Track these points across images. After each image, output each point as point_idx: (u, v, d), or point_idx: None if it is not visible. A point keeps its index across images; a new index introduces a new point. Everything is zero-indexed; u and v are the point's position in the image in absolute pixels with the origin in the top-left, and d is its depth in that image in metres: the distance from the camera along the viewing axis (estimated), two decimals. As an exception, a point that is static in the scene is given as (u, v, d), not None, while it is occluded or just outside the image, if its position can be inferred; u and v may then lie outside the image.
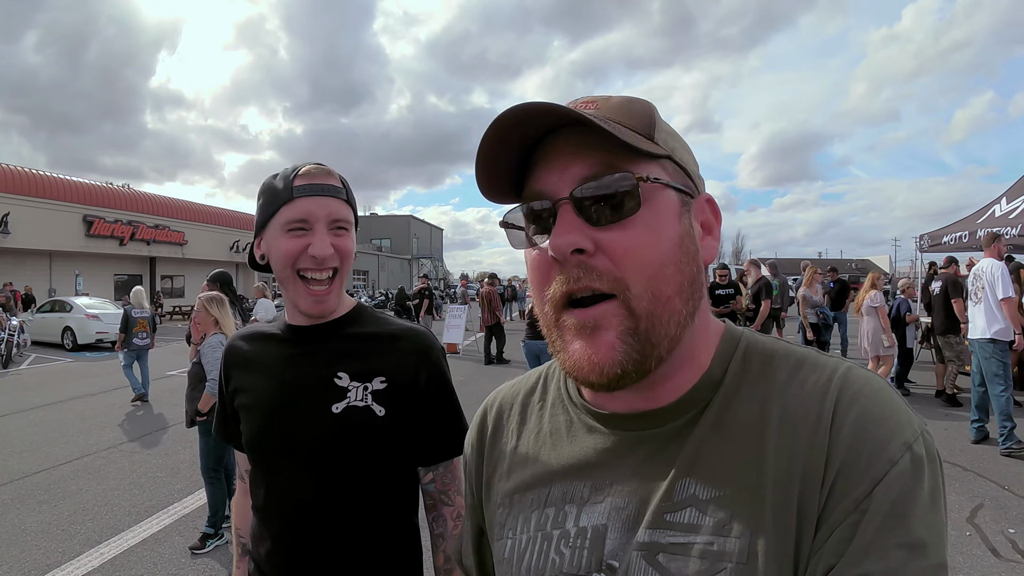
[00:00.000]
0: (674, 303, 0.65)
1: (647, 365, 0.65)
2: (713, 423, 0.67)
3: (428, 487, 1.45)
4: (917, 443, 0.59)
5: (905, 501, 0.56)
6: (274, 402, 1.35)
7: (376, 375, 1.34)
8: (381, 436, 1.33)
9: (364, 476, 1.33)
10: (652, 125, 0.68)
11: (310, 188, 1.28)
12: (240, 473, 1.55)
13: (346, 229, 1.32)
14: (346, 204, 1.33)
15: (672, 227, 0.66)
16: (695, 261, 0.67)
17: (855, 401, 0.61)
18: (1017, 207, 10.02)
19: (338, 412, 1.31)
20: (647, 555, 0.64)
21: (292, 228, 1.27)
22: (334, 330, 1.39)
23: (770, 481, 0.61)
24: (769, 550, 0.59)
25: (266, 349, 1.42)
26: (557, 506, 0.75)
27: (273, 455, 1.35)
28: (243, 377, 1.43)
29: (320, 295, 1.30)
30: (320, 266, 1.28)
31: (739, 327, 0.76)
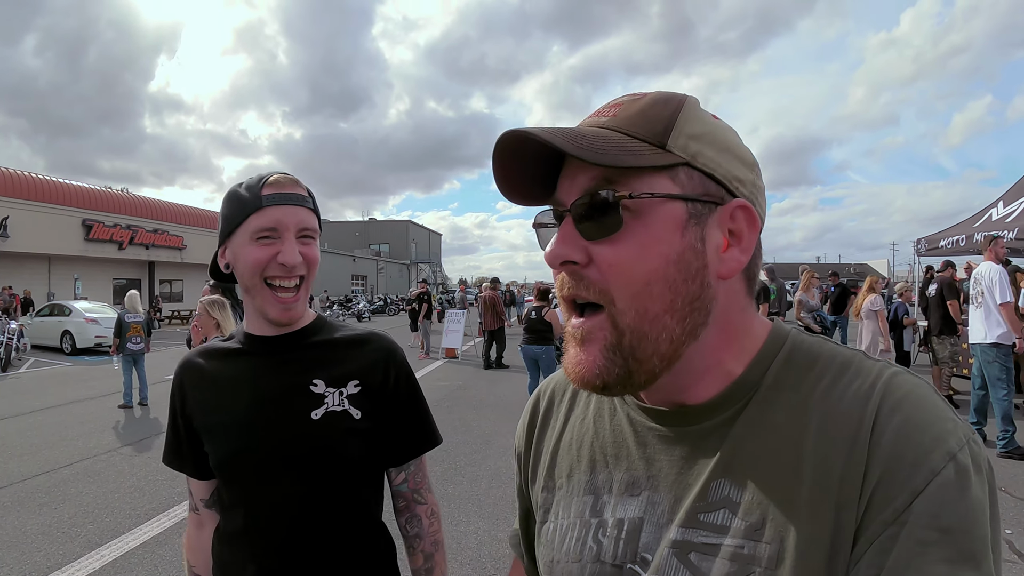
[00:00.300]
0: (663, 320, 0.64)
1: (636, 379, 0.65)
2: (752, 425, 0.66)
3: (400, 488, 1.46)
4: (962, 452, 0.57)
5: (948, 514, 0.54)
6: (251, 417, 1.32)
7: (349, 379, 1.36)
8: (360, 439, 1.35)
9: (346, 481, 1.35)
10: (668, 131, 0.65)
11: (279, 197, 1.29)
12: (193, 504, 1.48)
13: (312, 238, 1.33)
14: (313, 213, 1.35)
15: (668, 243, 0.64)
16: (698, 277, 0.65)
17: (898, 408, 0.59)
18: (1014, 210, 10.05)
19: (318, 418, 1.31)
20: (679, 553, 0.65)
21: (261, 236, 1.27)
22: (301, 339, 1.39)
23: (806, 489, 0.60)
24: (799, 558, 0.58)
25: (231, 365, 1.39)
26: (596, 494, 0.77)
27: (255, 471, 1.32)
28: (207, 397, 1.38)
29: (288, 302, 1.30)
30: (289, 274, 1.28)
31: (787, 327, 0.74)
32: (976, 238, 10.57)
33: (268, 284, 1.29)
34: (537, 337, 9.05)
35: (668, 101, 0.67)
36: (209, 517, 1.46)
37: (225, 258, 1.35)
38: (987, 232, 10.18)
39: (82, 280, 27.80)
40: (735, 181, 0.67)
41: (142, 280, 32.56)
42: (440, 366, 14.54)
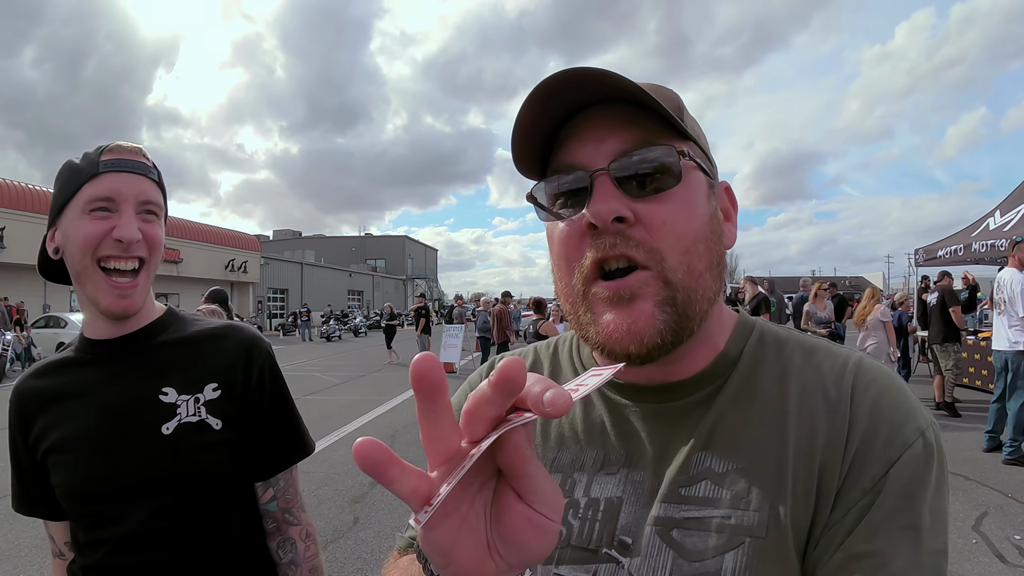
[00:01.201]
0: (705, 279, 0.65)
1: (681, 337, 0.64)
2: (732, 399, 0.68)
3: (269, 507, 1.26)
4: (929, 431, 0.61)
5: (915, 484, 0.59)
6: (93, 437, 1.14)
7: (206, 382, 1.18)
8: (222, 453, 1.17)
9: (210, 504, 1.17)
10: (681, 109, 0.69)
11: (118, 163, 1.12)
12: (56, 550, 1.27)
13: (155, 215, 1.16)
14: (157, 186, 1.17)
15: (704, 206, 0.67)
16: (720, 241, 0.69)
17: (870, 386, 0.64)
18: (1011, 220, 10.07)
19: (169, 432, 1.13)
20: (661, 531, 0.64)
21: (95, 208, 1.10)
22: (146, 338, 1.21)
23: (791, 452, 0.62)
24: (788, 522, 0.59)
25: (68, 379, 1.19)
26: (565, 472, 0.73)
27: (105, 501, 1.13)
28: (45, 421, 1.17)
29: (123, 288, 1.12)
30: (125, 252, 1.10)
31: (752, 316, 0.78)
32: (974, 247, 10.59)
33: (102, 267, 1.11)
34: None
35: (668, 88, 0.72)
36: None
37: (55, 241, 1.17)
38: (985, 241, 10.21)
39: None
40: (713, 166, 0.72)
41: (138, 293, 32.40)
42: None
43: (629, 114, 0.64)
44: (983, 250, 10.35)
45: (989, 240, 10.13)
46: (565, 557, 0.68)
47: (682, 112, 0.69)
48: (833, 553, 0.58)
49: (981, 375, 10.08)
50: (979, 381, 10.21)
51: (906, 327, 9.65)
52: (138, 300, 1.14)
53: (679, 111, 0.68)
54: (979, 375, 10.21)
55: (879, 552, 0.56)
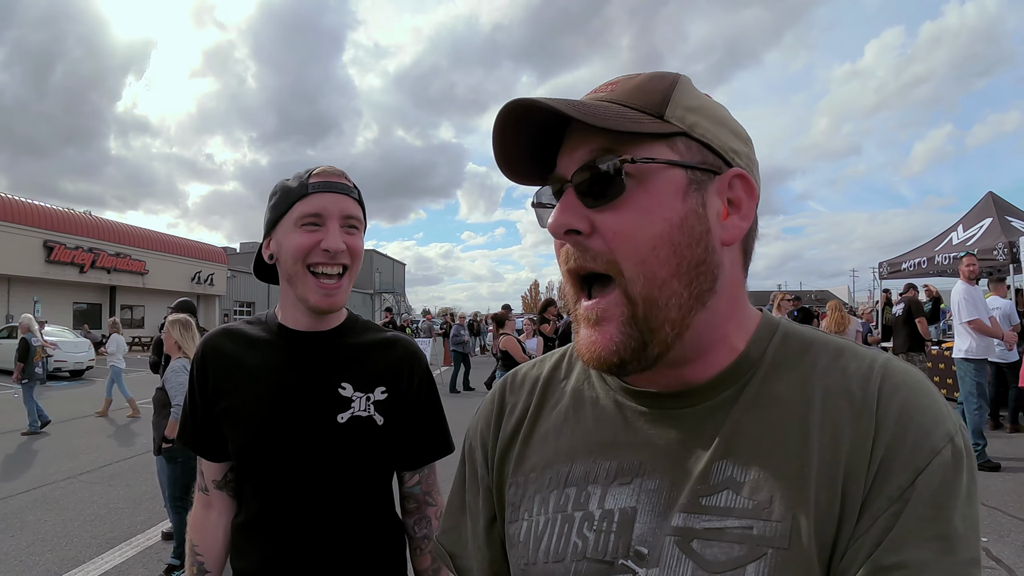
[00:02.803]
0: (671, 285, 0.63)
1: (650, 351, 0.64)
2: (752, 403, 0.66)
3: (413, 490, 1.45)
4: (958, 436, 0.59)
5: (945, 492, 0.56)
6: (270, 410, 1.30)
7: (377, 385, 1.35)
8: (380, 445, 1.34)
9: (361, 485, 1.35)
10: (665, 103, 0.66)
11: (325, 185, 1.29)
12: (203, 484, 1.45)
13: (357, 228, 1.33)
14: (357, 204, 1.34)
15: (671, 208, 0.64)
16: (702, 242, 0.65)
17: (898, 389, 0.61)
18: (974, 234, 10.36)
19: (344, 422, 1.30)
20: (680, 541, 0.62)
21: (305, 223, 1.28)
22: (332, 339, 1.38)
23: (815, 460, 0.59)
24: (812, 532, 0.57)
25: (256, 353, 1.37)
26: (579, 486, 0.71)
27: (273, 465, 1.31)
28: (228, 380, 1.36)
29: (330, 288, 1.28)
30: (332, 260, 1.27)
31: (777, 316, 0.75)
32: (937, 260, 10.85)
33: (311, 271, 1.28)
34: (505, 363, 8.96)
35: (664, 77, 0.68)
36: (218, 498, 1.43)
37: (269, 249, 1.36)
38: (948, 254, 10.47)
39: (42, 303, 27.05)
40: (731, 152, 0.68)
41: (103, 304, 31.87)
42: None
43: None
44: (946, 263, 10.61)
45: (952, 253, 10.39)
46: (582, 570, 0.67)
47: (665, 106, 0.65)
48: (860, 565, 0.56)
49: (946, 384, 10.28)
50: (944, 390, 10.41)
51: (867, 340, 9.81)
52: (341, 299, 1.31)
53: (661, 105, 0.65)
54: (944, 384, 10.41)
55: (909, 563, 0.54)
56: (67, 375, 18.65)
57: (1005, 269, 9.70)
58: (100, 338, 27.28)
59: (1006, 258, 9.29)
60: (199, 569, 1.43)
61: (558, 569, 0.69)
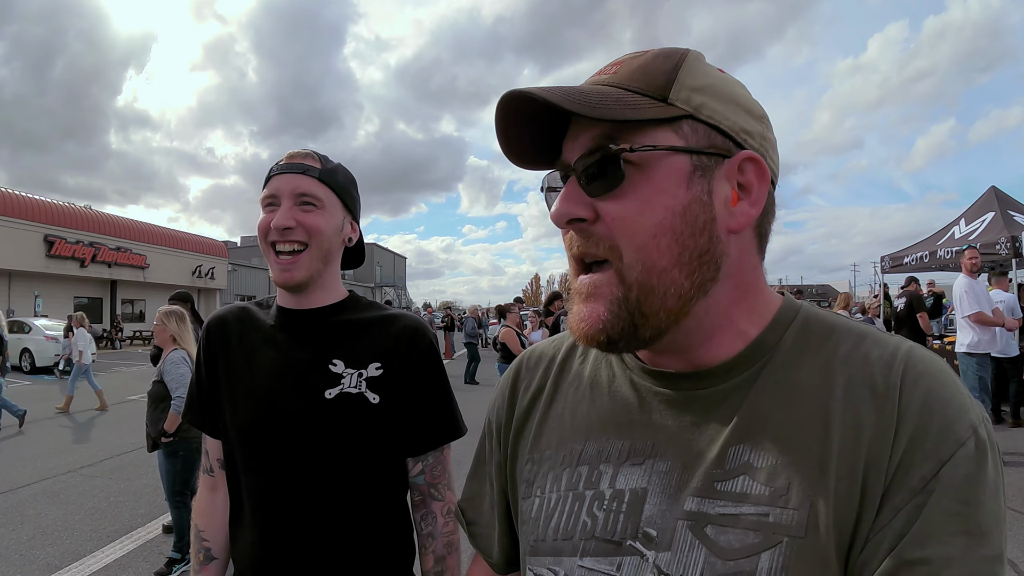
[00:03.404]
0: (671, 274, 0.63)
1: (642, 334, 0.64)
2: (771, 388, 0.64)
3: (416, 480, 1.40)
4: (981, 427, 0.57)
5: (970, 486, 0.55)
6: (267, 388, 1.31)
7: (371, 361, 1.32)
8: (373, 424, 1.30)
9: (355, 466, 1.30)
10: (669, 84, 0.63)
11: (283, 167, 1.33)
12: (208, 465, 1.46)
13: (313, 204, 1.32)
14: (318, 182, 1.33)
15: (673, 195, 0.62)
16: (706, 231, 0.63)
17: (921, 378, 0.59)
18: (976, 228, 10.32)
19: (331, 398, 1.28)
20: (694, 526, 0.61)
21: (266, 204, 1.33)
22: (326, 316, 1.38)
23: (835, 448, 0.58)
24: (829, 522, 0.56)
25: (256, 330, 1.39)
26: (591, 464, 0.71)
27: (264, 442, 1.30)
28: (231, 359, 1.38)
29: (286, 264, 1.30)
30: (283, 237, 1.29)
31: (799, 301, 0.73)
32: (939, 254, 10.82)
33: (274, 249, 1.31)
34: (505, 355, 8.96)
35: (670, 55, 0.66)
36: (222, 479, 1.42)
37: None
38: (950, 249, 10.44)
39: (42, 297, 27.10)
40: (743, 133, 0.66)
41: (104, 299, 31.91)
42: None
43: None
44: (948, 257, 10.57)
45: (954, 247, 10.35)
46: (590, 549, 0.67)
47: (670, 87, 0.63)
48: (883, 558, 0.54)
49: (947, 379, 10.28)
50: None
51: None
52: (298, 274, 1.30)
53: (664, 88, 0.63)
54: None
55: (933, 559, 0.53)
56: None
57: (1007, 264, 9.67)
58: (101, 332, 27.33)
59: (1009, 252, 9.25)
60: (205, 555, 1.41)
61: (567, 547, 0.69)
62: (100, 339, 21.16)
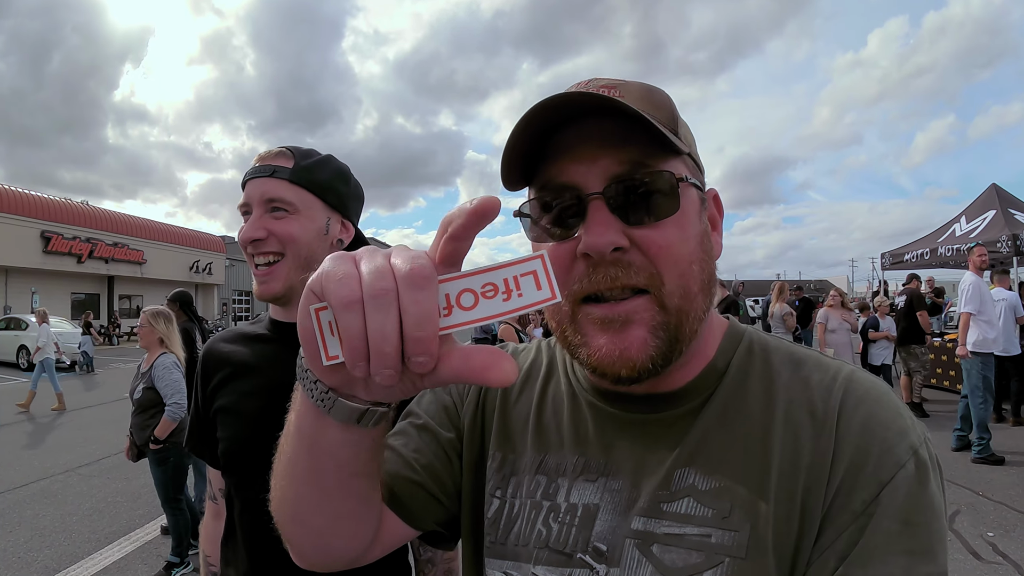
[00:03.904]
0: (699, 300, 0.65)
1: (672, 359, 0.65)
2: (718, 415, 0.67)
3: None
4: (922, 448, 0.59)
5: (911, 506, 0.56)
6: (258, 407, 1.25)
7: None
8: None
9: None
10: (676, 119, 0.67)
11: (252, 171, 1.26)
12: (212, 493, 1.42)
13: (284, 210, 1.23)
14: (289, 184, 1.24)
15: (696, 225, 0.66)
16: (711, 258, 0.68)
17: (861, 403, 0.62)
18: (977, 226, 10.31)
19: None
20: (641, 544, 0.64)
21: (243, 213, 1.26)
22: None
23: (774, 474, 0.60)
24: (769, 544, 0.58)
25: (250, 350, 1.33)
26: (549, 476, 0.74)
27: (255, 462, 1.21)
28: (223, 380, 1.32)
29: (261, 275, 1.24)
30: (256, 250, 1.23)
31: (743, 324, 0.77)
32: (940, 251, 10.80)
33: (252, 260, 1.26)
34: None
35: (661, 91, 0.69)
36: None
37: None
38: (951, 246, 10.43)
39: (40, 293, 27.00)
40: (702, 172, 0.72)
41: (101, 295, 31.83)
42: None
43: (622, 130, 0.62)
44: (949, 254, 10.58)
45: (955, 245, 10.35)
46: (542, 558, 0.69)
47: (676, 122, 0.67)
48: None
49: (949, 376, 10.26)
50: (947, 382, 10.39)
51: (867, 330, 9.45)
52: (274, 286, 1.24)
53: (673, 121, 0.66)
54: (947, 376, 10.39)
55: None
56: (66, 365, 18.61)
57: (1008, 262, 9.65)
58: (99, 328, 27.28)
59: (1010, 251, 9.25)
60: None
61: (523, 553, 0.71)
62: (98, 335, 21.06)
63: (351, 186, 1.36)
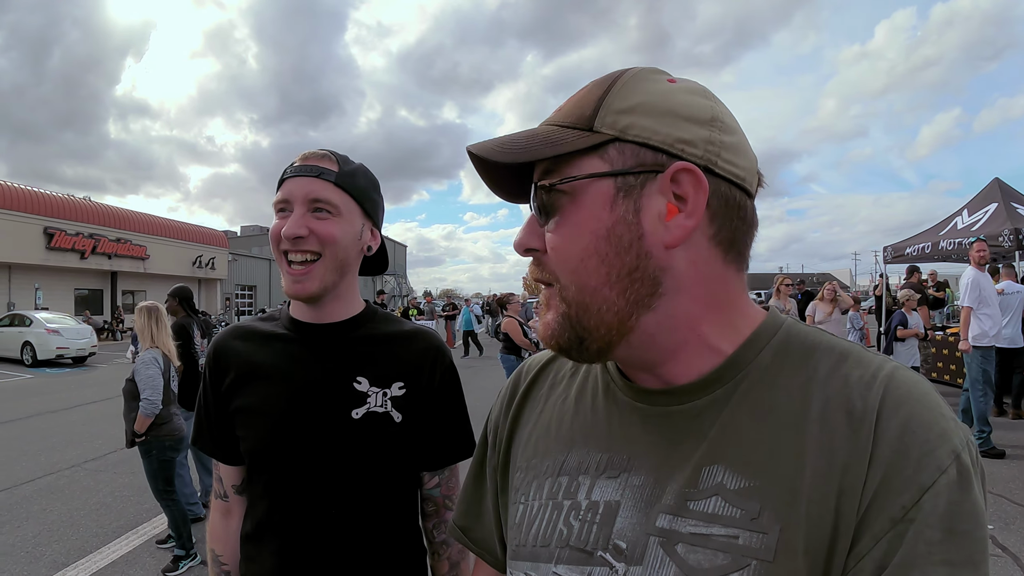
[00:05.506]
0: (602, 293, 0.65)
1: (589, 346, 0.67)
2: (748, 407, 0.64)
3: (432, 492, 1.41)
4: (964, 452, 0.56)
5: (952, 514, 0.53)
6: (283, 408, 1.27)
7: (395, 380, 1.31)
8: (397, 442, 1.30)
9: (377, 484, 1.30)
10: (595, 113, 0.65)
11: (297, 169, 1.27)
12: (222, 491, 1.40)
13: (328, 211, 1.26)
14: (334, 187, 1.27)
15: (598, 220, 0.65)
16: (633, 249, 0.64)
17: (902, 403, 0.58)
18: (980, 219, 10.29)
19: (358, 418, 1.26)
20: (665, 543, 0.62)
21: (278, 209, 1.27)
22: (346, 331, 1.34)
23: (808, 474, 0.58)
24: (800, 547, 0.56)
25: (271, 349, 1.33)
26: (571, 475, 0.74)
27: (286, 464, 1.27)
28: (241, 380, 1.32)
29: (297, 275, 1.25)
30: (295, 247, 1.24)
31: (784, 316, 0.73)
32: (941, 245, 10.79)
33: (286, 258, 1.27)
34: (508, 345, 8.92)
35: (602, 82, 0.69)
36: (238, 504, 1.40)
37: None
38: (953, 240, 10.41)
39: (43, 290, 27.09)
40: (678, 144, 0.64)
41: (104, 290, 31.90)
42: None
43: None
44: (950, 248, 10.56)
45: (957, 239, 10.33)
46: (564, 557, 0.69)
47: (595, 116, 0.65)
48: None
49: (950, 370, 10.28)
50: (947, 376, 10.42)
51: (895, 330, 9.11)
52: (310, 286, 1.25)
53: (591, 118, 0.65)
54: (947, 370, 10.41)
55: None
56: (69, 361, 18.68)
57: (1011, 256, 9.64)
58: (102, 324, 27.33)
59: (1012, 244, 9.23)
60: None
61: (543, 553, 0.71)
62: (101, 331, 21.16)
63: (380, 197, 1.41)
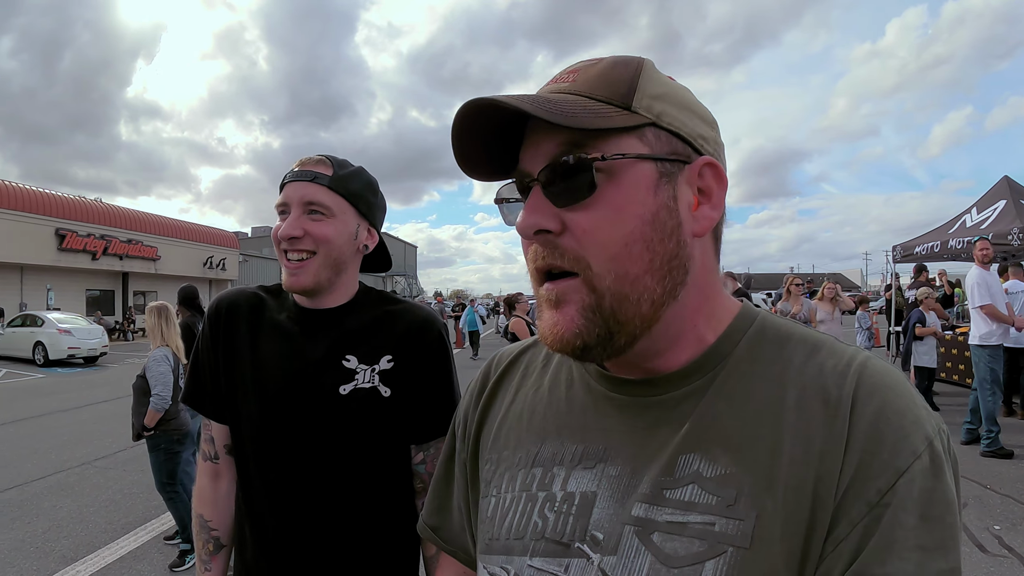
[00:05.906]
0: (644, 281, 0.63)
1: (617, 341, 0.64)
2: (725, 397, 0.64)
3: (418, 468, 1.42)
4: (937, 439, 0.57)
5: (926, 500, 0.54)
6: (277, 384, 1.34)
7: (382, 354, 1.36)
8: (386, 416, 1.34)
9: (367, 456, 1.34)
10: (631, 92, 0.64)
11: (294, 174, 1.35)
12: (212, 452, 1.45)
13: (321, 213, 1.34)
14: (326, 190, 1.35)
15: (642, 203, 0.63)
16: (674, 236, 0.64)
17: (875, 391, 0.59)
18: (987, 217, 10.21)
19: (345, 394, 1.32)
20: (641, 532, 0.62)
21: (279, 212, 1.36)
22: (341, 315, 1.40)
23: (785, 461, 0.58)
24: (776, 534, 0.56)
25: (267, 320, 1.42)
26: (545, 466, 0.73)
27: (274, 439, 1.33)
28: (238, 343, 1.40)
29: (292, 268, 1.33)
30: (292, 246, 1.32)
31: (756, 308, 0.74)
32: (951, 244, 10.71)
33: (286, 255, 1.34)
34: None
35: (628, 63, 0.67)
36: (228, 465, 1.44)
37: None
38: (961, 238, 10.34)
39: (55, 290, 27.29)
40: (699, 139, 0.67)
41: (115, 291, 32.09)
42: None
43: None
44: (959, 247, 10.47)
45: (965, 237, 10.25)
46: (539, 549, 0.68)
47: (632, 95, 0.64)
48: (842, 573, 0.55)
49: (959, 369, 10.22)
50: (956, 375, 10.36)
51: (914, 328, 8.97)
52: (305, 279, 1.33)
53: (627, 95, 0.64)
54: (956, 369, 10.35)
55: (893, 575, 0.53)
56: (81, 361, 18.81)
57: (1020, 254, 9.56)
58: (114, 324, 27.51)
59: (1021, 243, 9.15)
60: (215, 544, 1.44)
61: (517, 546, 0.70)
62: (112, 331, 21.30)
63: (378, 198, 1.47)
